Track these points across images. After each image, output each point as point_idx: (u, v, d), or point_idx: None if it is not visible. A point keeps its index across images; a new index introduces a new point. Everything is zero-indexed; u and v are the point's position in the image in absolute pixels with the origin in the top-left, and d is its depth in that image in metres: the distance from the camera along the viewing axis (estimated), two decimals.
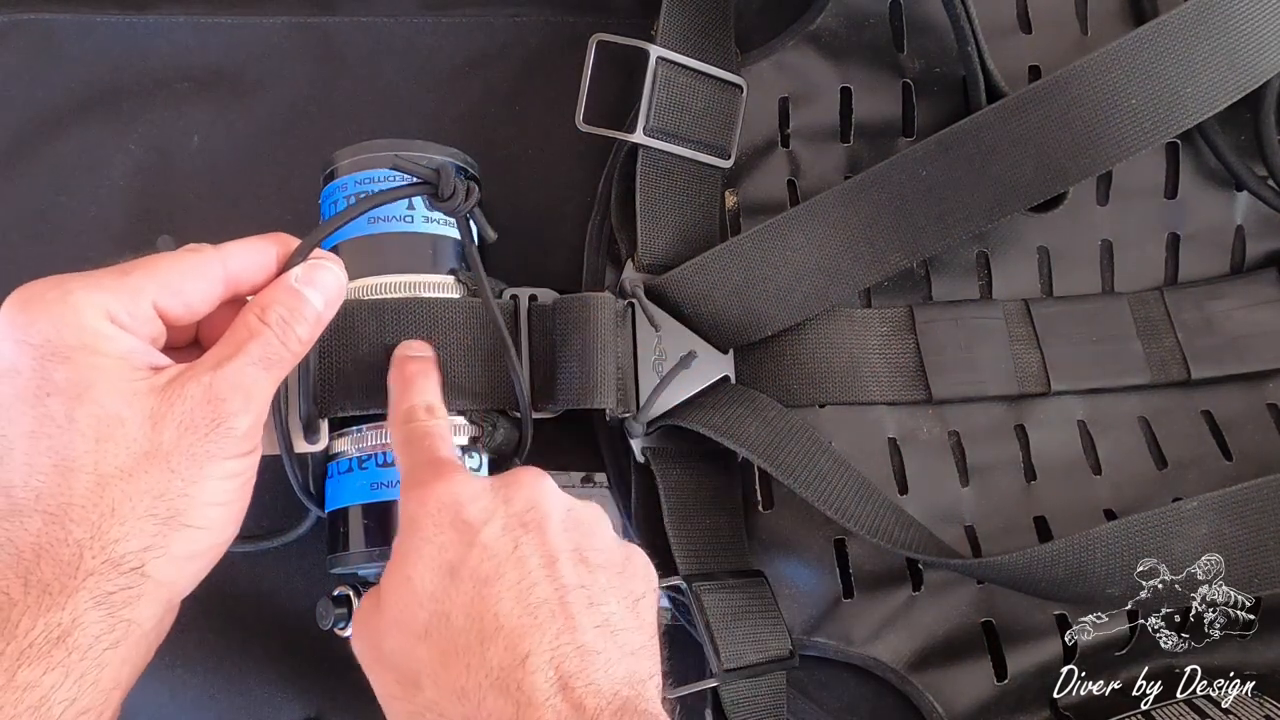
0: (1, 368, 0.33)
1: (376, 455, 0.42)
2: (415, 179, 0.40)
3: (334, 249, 0.44)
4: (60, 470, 0.32)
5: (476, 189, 0.41)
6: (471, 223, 0.42)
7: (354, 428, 0.43)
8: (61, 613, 0.30)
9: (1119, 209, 0.52)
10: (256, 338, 0.35)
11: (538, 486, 0.36)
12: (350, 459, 0.42)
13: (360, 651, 0.35)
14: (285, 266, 0.37)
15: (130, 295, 0.34)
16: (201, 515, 0.34)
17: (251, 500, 0.44)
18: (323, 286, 0.37)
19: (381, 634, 0.34)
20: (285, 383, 0.42)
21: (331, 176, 0.45)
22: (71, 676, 0.30)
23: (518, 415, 0.44)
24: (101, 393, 0.32)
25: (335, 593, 0.41)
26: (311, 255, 0.38)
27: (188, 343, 0.39)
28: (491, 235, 0.43)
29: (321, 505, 0.44)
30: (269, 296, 0.36)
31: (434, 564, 0.33)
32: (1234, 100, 0.46)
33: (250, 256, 0.37)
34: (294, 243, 0.38)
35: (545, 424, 0.46)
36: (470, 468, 0.43)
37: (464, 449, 0.43)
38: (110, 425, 0.32)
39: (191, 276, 0.35)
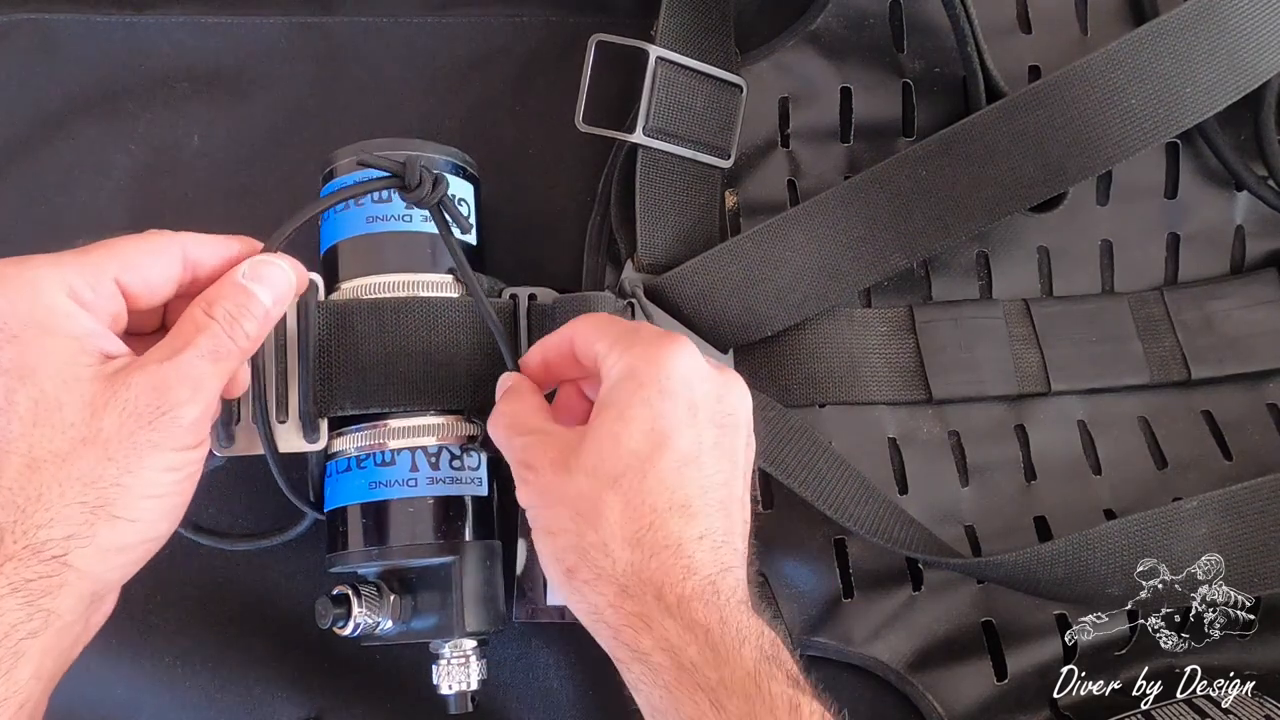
0: None
1: (375, 454, 0.42)
2: (382, 173, 0.40)
3: (333, 248, 0.44)
4: None
5: (445, 181, 0.41)
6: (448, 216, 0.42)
7: (353, 427, 0.43)
8: None
9: (1119, 209, 0.53)
10: (204, 331, 0.35)
11: (746, 397, 0.38)
12: (349, 458, 0.42)
13: (538, 484, 0.36)
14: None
15: (93, 270, 0.34)
16: (134, 507, 0.33)
17: (252, 500, 0.45)
18: (271, 283, 0.37)
19: (571, 472, 0.35)
20: (264, 382, 0.42)
21: (331, 176, 0.45)
22: None
23: None
24: (44, 376, 0.32)
25: (334, 592, 0.41)
26: (263, 256, 0.38)
27: (154, 329, 0.39)
28: (467, 226, 0.43)
29: (315, 504, 0.44)
30: (215, 292, 0.36)
31: (645, 428, 0.35)
32: (1234, 100, 0.46)
33: (212, 246, 0.37)
34: (257, 245, 0.38)
35: None
36: (469, 467, 0.43)
37: (463, 448, 0.43)
38: (48, 409, 0.32)
39: (151, 254, 0.36)
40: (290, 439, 0.42)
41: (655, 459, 0.35)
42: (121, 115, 0.52)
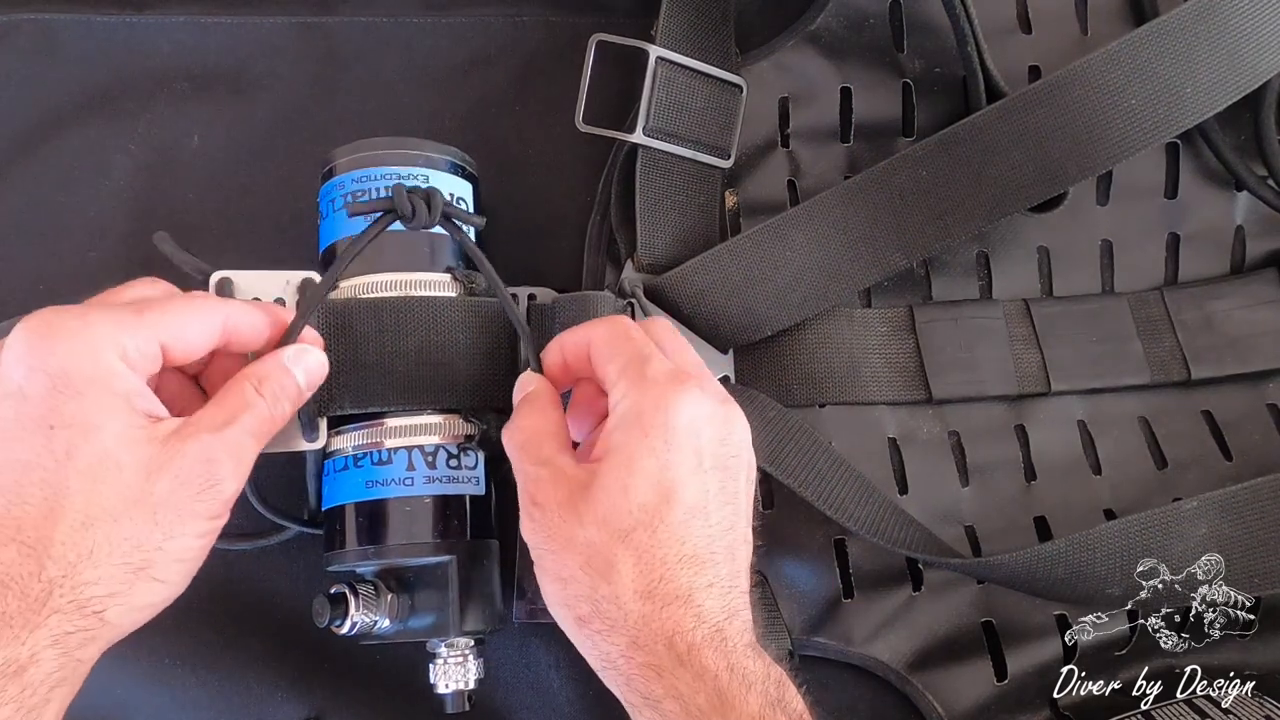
0: (8, 389, 0.33)
1: (372, 453, 0.42)
2: (377, 214, 0.41)
3: (331, 247, 0.44)
4: (49, 504, 0.32)
5: (438, 194, 0.41)
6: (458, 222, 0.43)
7: (350, 426, 0.43)
8: (21, 648, 0.31)
9: (1119, 209, 0.53)
10: (252, 409, 0.36)
11: (747, 431, 0.38)
12: (346, 457, 0.42)
13: (544, 523, 0.36)
14: (285, 338, 0.39)
15: (146, 333, 0.35)
16: (168, 569, 0.34)
17: (245, 499, 0.45)
18: (307, 369, 0.39)
19: (581, 520, 0.35)
20: None
21: (330, 175, 0.45)
22: (21, 711, 0.31)
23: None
24: (107, 434, 0.33)
25: (331, 591, 0.41)
26: (301, 338, 0.39)
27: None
28: (479, 221, 0.43)
29: (314, 504, 0.45)
30: (264, 370, 0.37)
31: (653, 480, 0.35)
32: (1234, 100, 0.46)
33: (248, 315, 0.38)
34: (284, 314, 0.39)
35: None
36: (467, 466, 0.43)
37: (460, 447, 0.43)
38: (108, 468, 0.33)
39: (196, 319, 0.36)
40: (289, 438, 0.42)
41: (664, 513, 0.35)
42: (121, 115, 0.52)
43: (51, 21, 0.53)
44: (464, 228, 0.43)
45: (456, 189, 0.45)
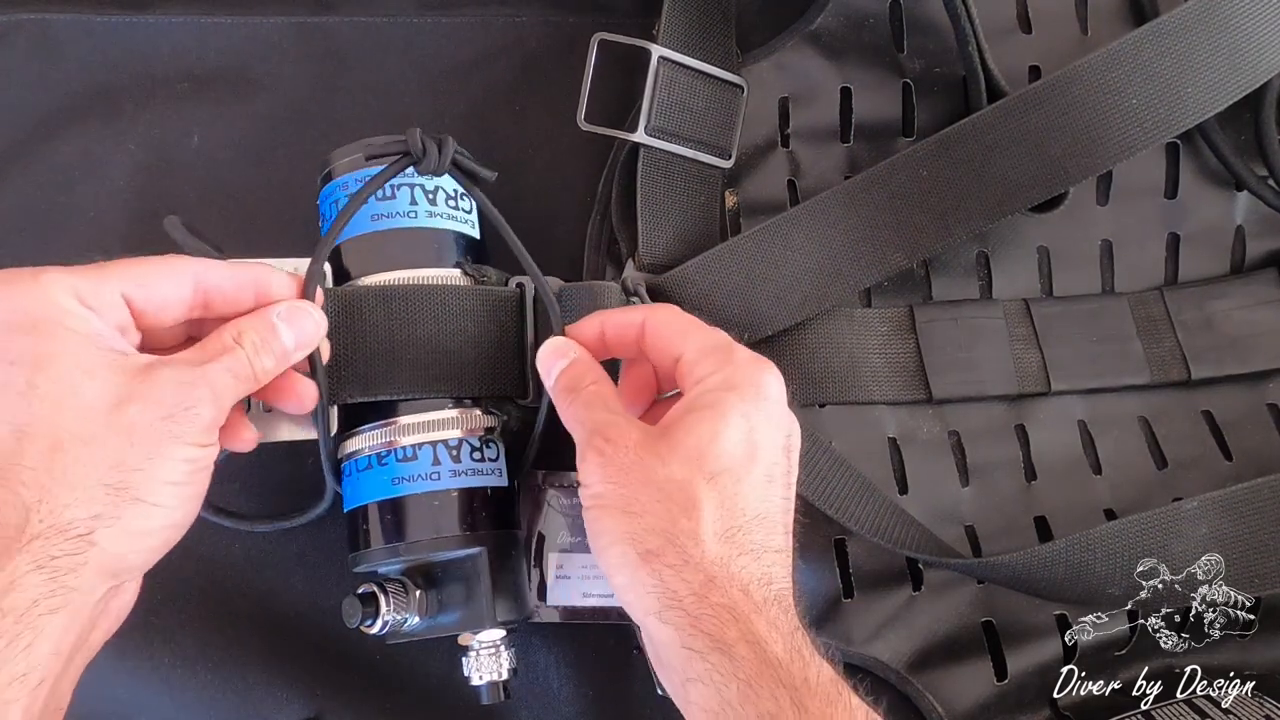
0: None
1: (396, 450, 0.42)
2: (392, 156, 0.41)
3: (338, 249, 0.44)
4: (15, 434, 0.32)
5: (449, 140, 0.42)
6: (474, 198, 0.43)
7: (371, 424, 0.43)
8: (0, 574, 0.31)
9: (1119, 209, 0.53)
10: (229, 353, 0.37)
11: (799, 442, 0.39)
12: (369, 455, 0.42)
13: (617, 460, 0.36)
14: (305, 293, 0.39)
15: (97, 279, 0.35)
16: (157, 492, 0.34)
17: (258, 488, 0.45)
18: (299, 329, 0.39)
19: (662, 458, 0.36)
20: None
21: (329, 177, 0.45)
22: (3, 639, 0.30)
23: (523, 403, 0.44)
24: (63, 364, 0.33)
25: (361, 591, 0.41)
26: (301, 303, 0.39)
27: (177, 344, 0.40)
28: (489, 175, 0.44)
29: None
30: (247, 322, 0.38)
31: (742, 436, 0.36)
32: (1234, 100, 0.46)
33: (228, 270, 0.38)
34: (272, 274, 0.39)
35: (547, 417, 0.46)
36: (489, 459, 0.43)
37: (482, 440, 0.43)
38: (70, 393, 0.33)
39: (159, 273, 0.37)
40: (303, 428, 0.42)
41: (749, 467, 0.36)
42: (121, 115, 0.52)
43: (51, 21, 0.53)
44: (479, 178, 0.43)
45: (460, 186, 0.45)
